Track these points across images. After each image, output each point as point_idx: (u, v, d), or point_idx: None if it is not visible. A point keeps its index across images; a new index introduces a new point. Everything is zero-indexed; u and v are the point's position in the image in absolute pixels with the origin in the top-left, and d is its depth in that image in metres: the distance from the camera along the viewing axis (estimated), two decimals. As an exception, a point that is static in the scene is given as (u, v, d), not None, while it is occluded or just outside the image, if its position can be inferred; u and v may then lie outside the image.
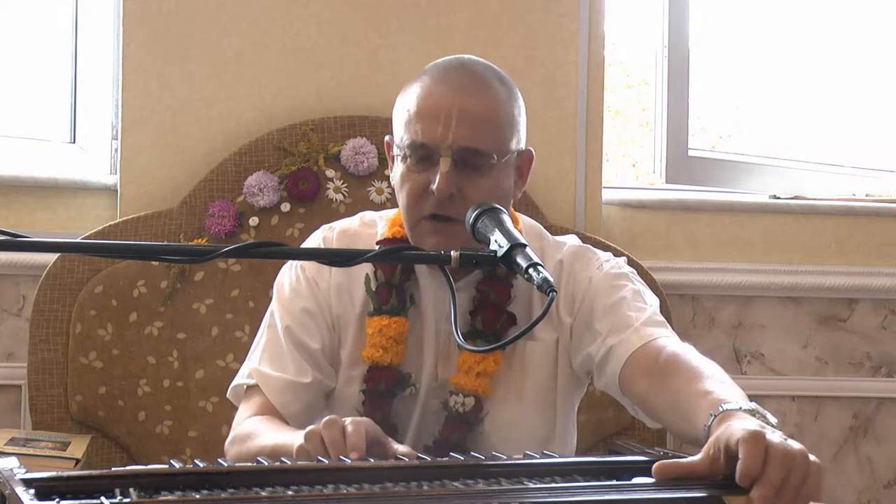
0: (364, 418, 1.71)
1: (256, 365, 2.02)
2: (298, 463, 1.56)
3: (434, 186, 1.89)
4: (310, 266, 2.05)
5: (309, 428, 1.71)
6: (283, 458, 1.52)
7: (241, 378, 2.05)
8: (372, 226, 2.09)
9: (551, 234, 2.13)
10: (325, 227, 2.11)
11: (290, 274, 2.07)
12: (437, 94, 1.92)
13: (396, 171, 1.98)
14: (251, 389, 2.03)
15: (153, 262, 2.89)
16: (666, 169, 3.40)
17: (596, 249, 2.08)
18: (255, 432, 1.91)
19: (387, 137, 2.04)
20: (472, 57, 2.02)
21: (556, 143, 3.16)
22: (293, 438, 1.76)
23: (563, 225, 3.08)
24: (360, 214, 2.13)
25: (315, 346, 2.01)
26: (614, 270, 2.03)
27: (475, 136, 1.90)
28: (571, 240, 2.10)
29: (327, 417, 1.69)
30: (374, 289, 2.01)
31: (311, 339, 2.02)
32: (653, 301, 2.01)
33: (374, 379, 2.00)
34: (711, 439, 1.48)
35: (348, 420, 1.68)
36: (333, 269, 2.02)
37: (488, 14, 3.15)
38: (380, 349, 1.99)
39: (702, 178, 3.46)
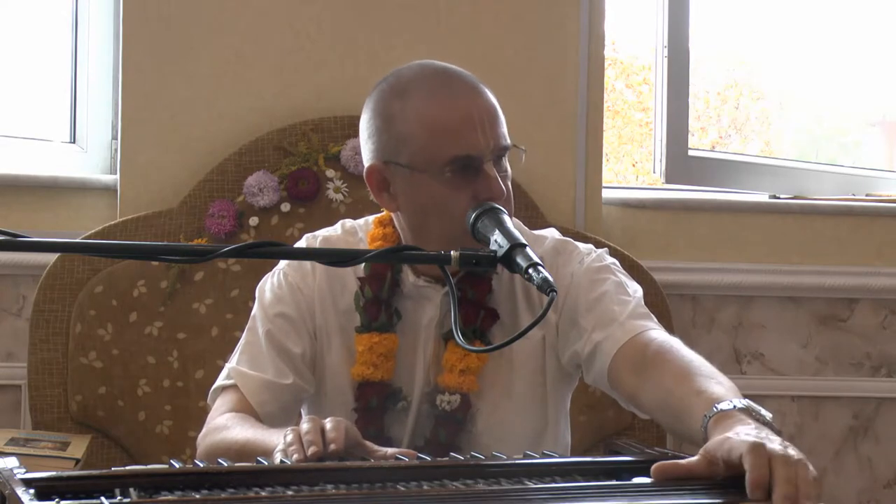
0: (342, 419, 1.69)
1: (235, 365, 2.01)
2: (298, 463, 1.56)
3: (489, 194, 1.86)
4: (293, 273, 2.02)
5: (291, 428, 1.69)
6: (258, 458, 1.51)
7: (220, 380, 2.03)
8: (353, 234, 2.06)
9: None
10: (308, 235, 2.08)
11: (272, 280, 2.05)
12: (458, 103, 1.89)
13: (421, 191, 1.91)
14: (227, 389, 2.00)
15: (153, 262, 2.89)
16: (666, 169, 3.40)
17: (577, 242, 2.06)
18: (230, 426, 1.89)
19: (368, 164, 1.96)
20: (429, 61, 1.99)
21: (556, 143, 3.16)
22: (271, 436, 1.74)
23: (564, 225, 3.08)
24: (340, 223, 2.10)
25: (296, 351, 1.99)
26: (595, 264, 2.01)
27: (503, 131, 1.92)
28: (551, 233, 2.08)
29: (308, 417, 1.68)
30: (361, 305, 1.99)
31: (293, 343, 1.99)
32: (636, 291, 1.99)
33: (366, 395, 1.98)
34: (710, 446, 1.47)
35: (328, 419, 1.67)
36: (317, 276, 2.01)
37: (488, 14, 3.15)
38: (370, 366, 1.97)
39: (702, 178, 3.46)
